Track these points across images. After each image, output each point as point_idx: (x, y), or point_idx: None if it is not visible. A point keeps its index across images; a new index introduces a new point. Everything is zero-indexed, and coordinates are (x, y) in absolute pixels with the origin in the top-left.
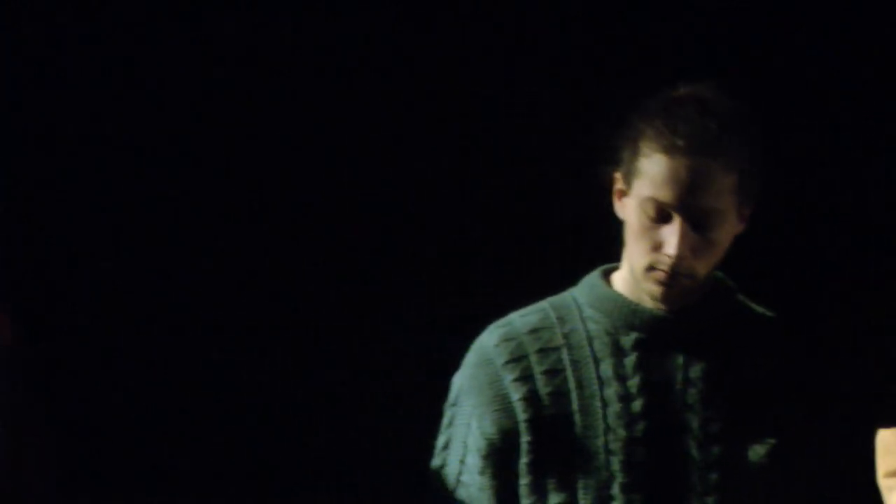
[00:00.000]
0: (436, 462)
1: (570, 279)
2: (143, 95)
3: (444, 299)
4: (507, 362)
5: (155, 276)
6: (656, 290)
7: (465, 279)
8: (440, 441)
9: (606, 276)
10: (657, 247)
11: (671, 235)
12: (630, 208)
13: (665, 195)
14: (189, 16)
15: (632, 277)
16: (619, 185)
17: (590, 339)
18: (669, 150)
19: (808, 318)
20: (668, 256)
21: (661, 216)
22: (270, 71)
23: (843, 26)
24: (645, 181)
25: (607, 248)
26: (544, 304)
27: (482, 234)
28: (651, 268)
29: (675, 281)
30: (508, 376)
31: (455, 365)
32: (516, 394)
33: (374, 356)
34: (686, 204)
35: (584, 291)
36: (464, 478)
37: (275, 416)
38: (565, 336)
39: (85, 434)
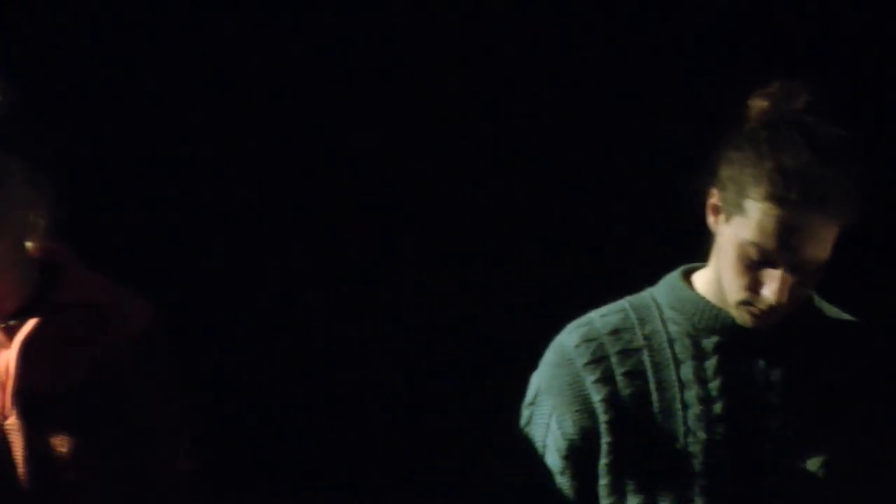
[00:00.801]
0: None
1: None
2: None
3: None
4: (588, 363)
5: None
6: (748, 319)
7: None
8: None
9: (687, 276)
10: (755, 287)
11: (772, 282)
12: (728, 238)
13: (771, 245)
14: (191, 15)
15: (718, 285)
16: (714, 200)
17: (670, 341)
18: (781, 202)
19: (886, 321)
20: (768, 301)
21: (763, 261)
22: (272, 70)
23: None
24: (750, 224)
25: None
26: (624, 303)
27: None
28: (747, 302)
29: (769, 317)
30: (589, 377)
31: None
32: (597, 395)
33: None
34: (791, 256)
35: (664, 292)
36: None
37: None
38: (646, 337)
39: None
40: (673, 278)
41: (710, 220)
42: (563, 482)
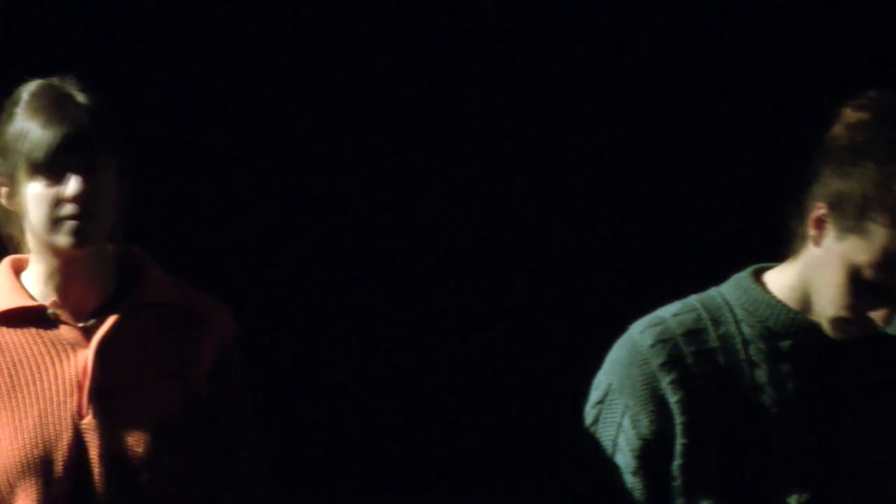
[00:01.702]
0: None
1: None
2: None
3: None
4: (664, 363)
5: None
6: (841, 333)
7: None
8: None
9: (757, 277)
10: (863, 308)
11: (884, 305)
12: (837, 256)
13: (893, 272)
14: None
15: (802, 292)
16: (820, 214)
17: (745, 343)
18: None
19: None
20: (873, 324)
21: (877, 283)
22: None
23: None
24: (872, 248)
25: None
26: (694, 303)
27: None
28: (846, 320)
29: (863, 332)
30: (665, 378)
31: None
32: (674, 396)
33: None
34: None
35: (735, 293)
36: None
37: None
38: (720, 338)
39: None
40: (743, 279)
41: (812, 232)
42: (635, 482)
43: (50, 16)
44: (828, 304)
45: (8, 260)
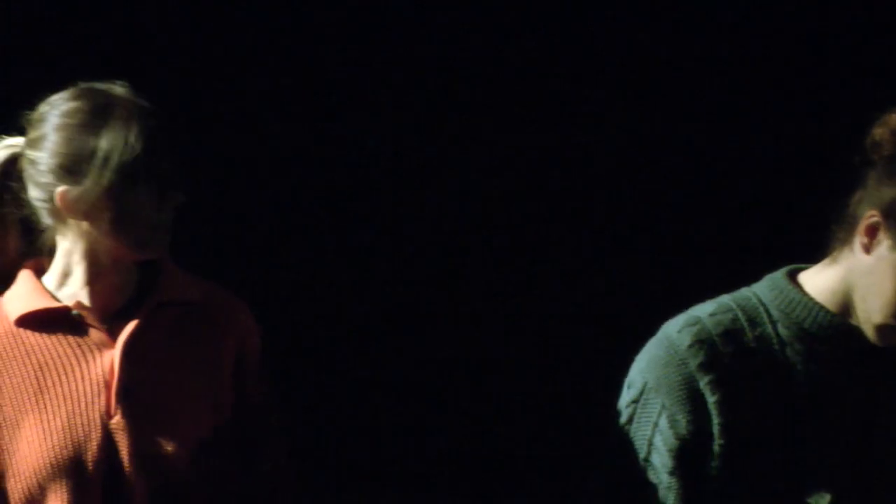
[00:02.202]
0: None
1: None
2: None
3: None
4: (703, 364)
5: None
6: (882, 340)
7: None
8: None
9: (792, 277)
10: None
11: None
12: (890, 263)
13: None
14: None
15: (844, 297)
16: (874, 221)
17: (781, 345)
18: None
19: None
20: None
21: None
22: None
23: None
24: None
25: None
26: (729, 302)
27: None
28: (892, 328)
29: None
30: (704, 378)
31: None
32: (712, 396)
33: None
34: None
35: (770, 293)
36: (648, 476)
37: None
38: (756, 339)
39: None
40: (779, 279)
41: (863, 239)
42: (672, 482)
43: (49, 16)
44: (876, 312)
45: (29, 264)
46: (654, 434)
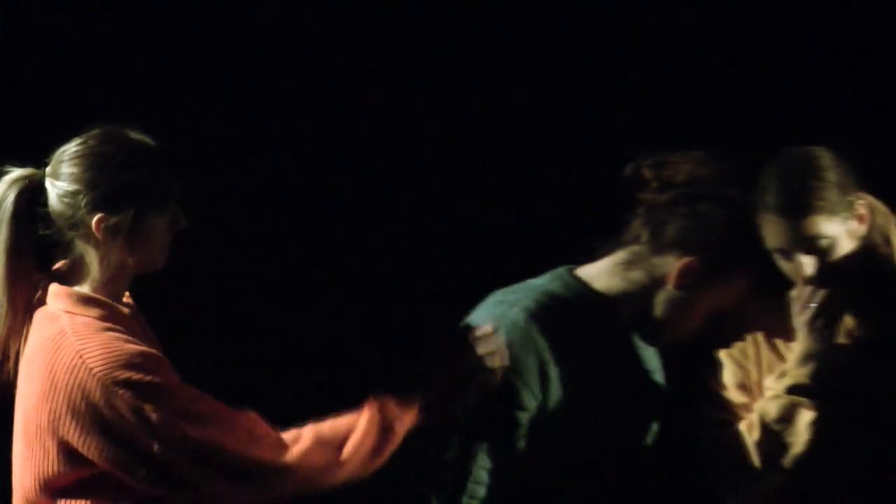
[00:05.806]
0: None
1: None
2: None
3: None
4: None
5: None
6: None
7: None
8: None
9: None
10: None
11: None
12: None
13: None
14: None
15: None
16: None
17: (592, 336)
18: None
19: None
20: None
21: None
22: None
23: None
24: None
25: None
26: (543, 295)
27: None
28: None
29: None
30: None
31: None
32: (534, 380)
33: None
34: None
35: (556, 285)
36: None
37: None
38: (573, 328)
39: None
40: (564, 275)
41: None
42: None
43: (49, 16)
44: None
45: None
46: None
